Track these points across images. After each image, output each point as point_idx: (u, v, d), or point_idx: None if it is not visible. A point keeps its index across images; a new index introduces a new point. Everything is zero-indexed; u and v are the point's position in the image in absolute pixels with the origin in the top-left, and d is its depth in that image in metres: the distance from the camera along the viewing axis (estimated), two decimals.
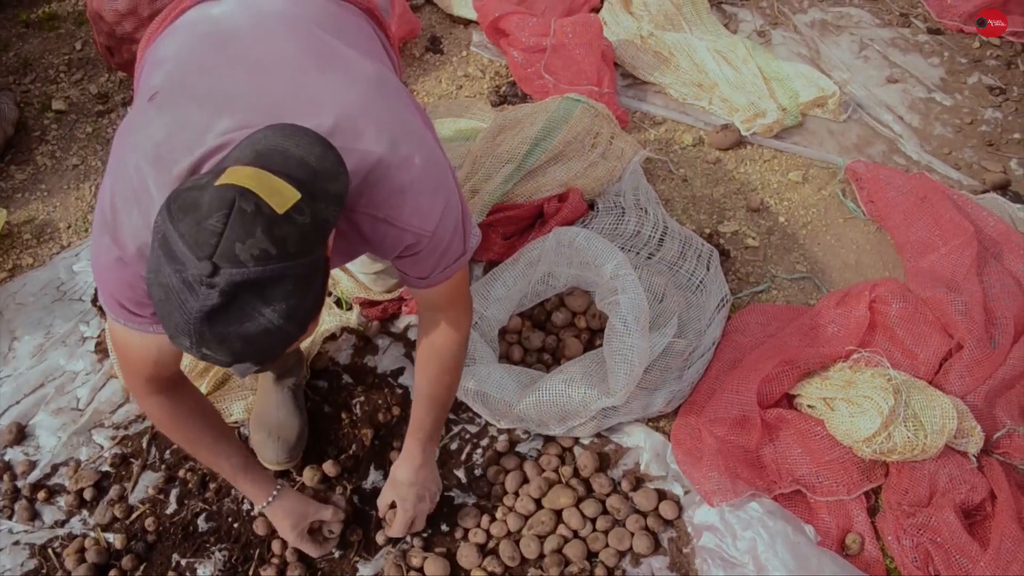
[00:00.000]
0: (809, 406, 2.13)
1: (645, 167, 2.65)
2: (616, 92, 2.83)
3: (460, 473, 2.07)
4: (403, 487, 1.87)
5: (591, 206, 2.45)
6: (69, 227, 2.59)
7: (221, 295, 1.06)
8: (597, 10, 3.12)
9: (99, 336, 2.30)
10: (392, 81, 1.48)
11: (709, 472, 2.01)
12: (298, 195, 1.11)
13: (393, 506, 1.91)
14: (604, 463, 2.08)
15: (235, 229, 1.07)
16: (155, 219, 1.14)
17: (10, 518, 2.05)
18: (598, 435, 2.12)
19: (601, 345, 2.18)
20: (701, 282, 2.31)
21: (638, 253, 2.33)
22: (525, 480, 2.04)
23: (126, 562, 1.94)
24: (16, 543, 2.01)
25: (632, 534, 1.96)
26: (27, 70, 3.08)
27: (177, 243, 1.07)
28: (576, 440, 2.11)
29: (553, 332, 2.23)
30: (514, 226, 2.37)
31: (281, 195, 1.10)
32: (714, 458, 2.02)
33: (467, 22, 3.17)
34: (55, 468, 2.10)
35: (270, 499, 1.81)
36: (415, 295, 1.65)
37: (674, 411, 2.16)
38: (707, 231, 2.54)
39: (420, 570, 1.91)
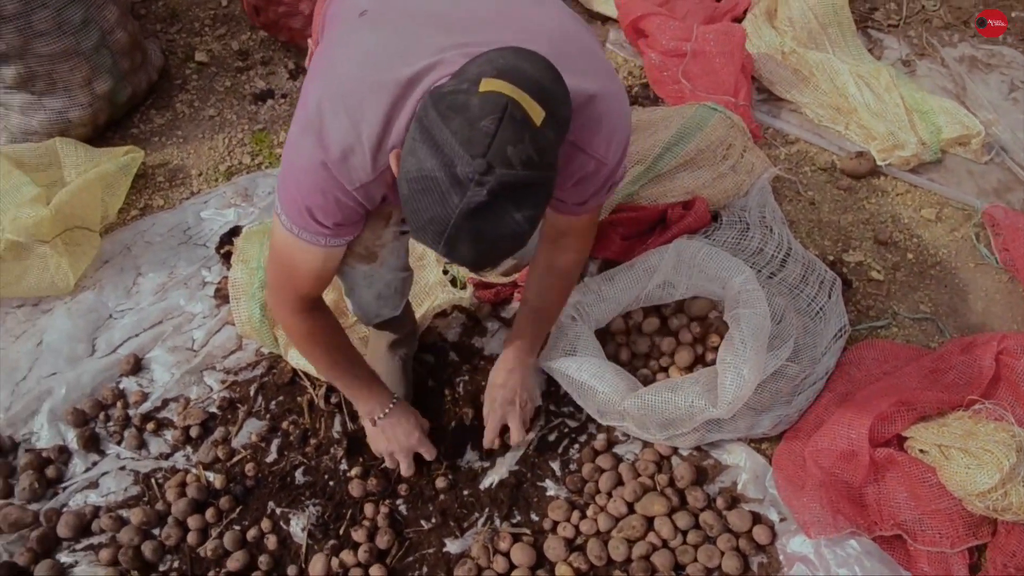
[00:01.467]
0: (921, 451, 2.05)
1: (773, 185, 2.59)
2: (751, 106, 2.78)
3: (555, 465, 2.06)
4: (494, 388, 1.92)
5: (714, 217, 2.41)
6: (200, 175, 2.67)
7: (489, 194, 1.12)
8: (739, 20, 3.07)
9: (219, 283, 2.37)
10: (578, 17, 1.52)
11: (810, 503, 1.95)
12: (543, 112, 1.16)
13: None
14: (701, 477, 2.05)
15: (507, 133, 1.12)
16: (415, 114, 1.19)
17: (119, 443, 2.12)
18: (698, 448, 2.09)
19: (711, 360, 2.14)
20: (821, 309, 2.25)
21: (759, 271, 2.28)
22: (620, 482, 2.02)
23: (224, 502, 1.99)
24: (122, 468, 2.08)
25: (722, 553, 1.92)
26: (174, 20, 3.19)
27: (448, 140, 1.12)
28: (675, 450, 2.08)
29: (669, 336, 2.19)
30: (635, 228, 2.35)
31: (534, 109, 1.15)
32: (817, 489, 1.97)
33: (605, 19, 3.15)
34: (165, 402, 2.17)
35: (392, 404, 1.89)
36: (553, 220, 1.69)
37: (778, 435, 2.11)
38: (831, 258, 2.47)
39: (507, 555, 1.91)
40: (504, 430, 2.01)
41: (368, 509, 1.97)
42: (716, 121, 2.41)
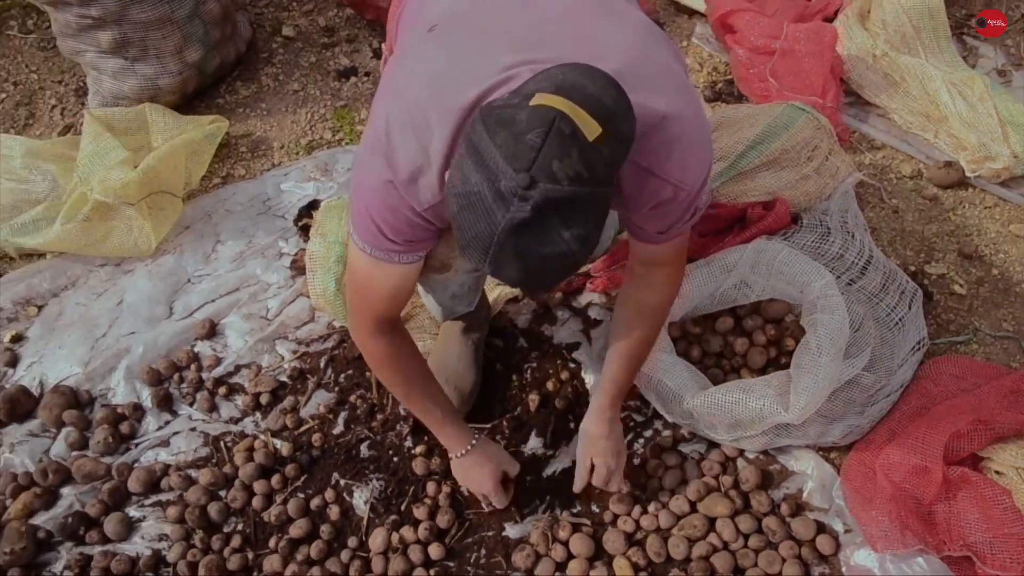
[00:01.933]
0: (997, 472, 1.99)
1: (856, 191, 2.53)
2: (838, 108, 2.71)
3: None
4: (600, 441, 1.86)
5: (794, 219, 2.36)
6: (282, 147, 2.71)
7: (533, 209, 1.08)
8: (830, 20, 3.00)
9: (296, 255, 2.40)
10: (660, 31, 1.48)
11: (879, 516, 1.91)
12: (600, 129, 1.12)
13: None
14: (767, 482, 2.02)
15: (553, 147, 1.08)
16: (464, 132, 1.17)
17: (191, 405, 2.17)
18: (765, 452, 2.06)
19: (785, 363, 2.11)
20: (900, 320, 2.19)
21: (839, 277, 2.23)
22: (684, 480, 2.00)
23: (289, 470, 2.03)
24: (193, 429, 2.13)
25: (784, 560, 1.90)
26: None
27: (493, 154, 1.10)
28: (741, 452, 2.05)
29: (743, 336, 2.16)
30: (713, 225, 2.31)
31: (588, 125, 1.12)
32: (886, 503, 1.92)
33: (692, 12, 3.11)
34: (238, 368, 2.22)
35: (471, 445, 1.84)
36: (637, 251, 1.64)
37: (848, 445, 2.06)
38: (912, 268, 2.41)
39: (565, 544, 1.90)
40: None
41: (430, 487, 1.98)
42: (803, 122, 2.36)
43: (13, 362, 2.29)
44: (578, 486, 1.91)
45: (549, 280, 1.21)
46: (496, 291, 2.24)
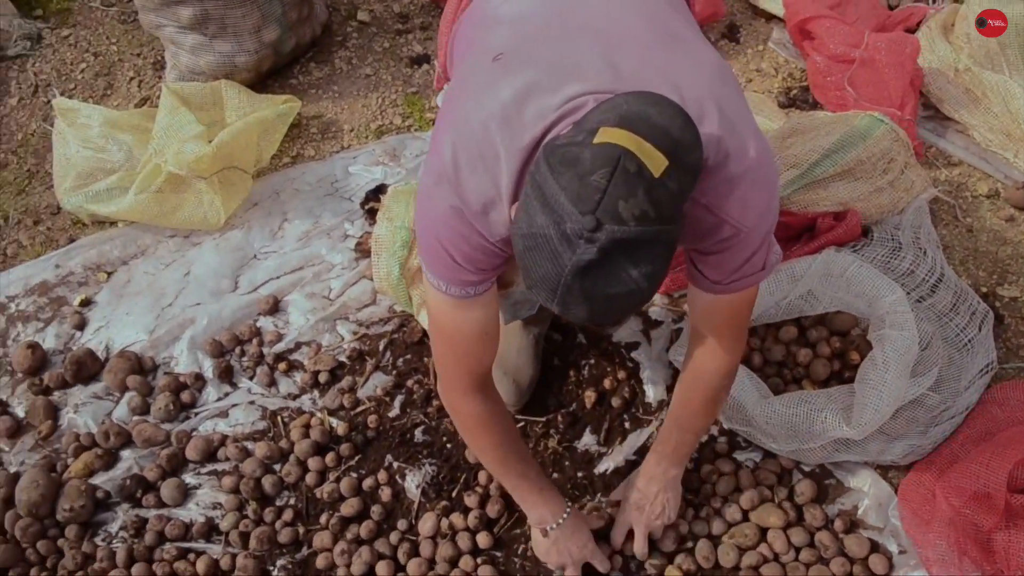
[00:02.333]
0: None
1: (930, 207, 2.47)
2: (916, 121, 2.66)
3: None
4: (631, 488, 1.85)
5: (865, 232, 2.32)
6: (352, 130, 2.74)
7: (600, 251, 1.06)
8: (912, 31, 2.94)
9: (361, 237, 2.42)
10: (729, 69, 1.44)
11: (936, 539, 1.87)
12: (667, 162, 1.10)
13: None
14: (822, 496, 1.99)
15: (618, 187, 1.06)
16: (529, 171, 1.15)
17: (251, 378, 2.21)
18: (821, 466, 2.02)
19: (848, 377, 2.07)
20: (969, 341, 2.14)
21: (908, 294, 2.18)
22: (737, 488, 1.98)
23: (344, 449, 2.05)
24: (251, 402, 2.17)
25: None
26: None
27: (557, 196, 1.08)
28: (797, 464, 2.02)
29: (807, 347, 2.13)
30: (782, 233, 2.28)
31: (653, 160, 1.09)
32: (944, 527, 1.88)
33: (770, 16, 3.06)
34: (298, 345, 2.25)
35: (563, 518, 1.79)
36: (695, 301, 1.58)
37: (907, 465, 2.02)
38: (984, 290, 2.35)
39: None
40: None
41: (482, 476, 1.99)
42: (881, 133, 2.31)
43: (81, 325, 2.34)
44: (636, 549, 1.88)
45: (617, 317, 1.22)
46: None
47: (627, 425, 2.06)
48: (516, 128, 1.28)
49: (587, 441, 2.06)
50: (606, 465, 2.02)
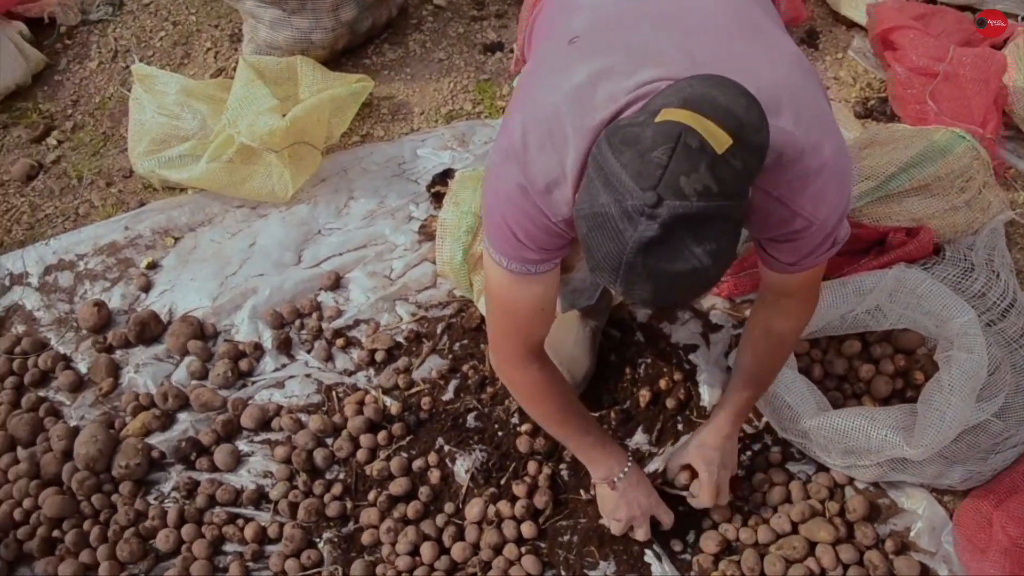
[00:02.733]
0: None
1: (1006, 229, 2.41)
2: (997, 140, 2.59)
3: None
4: (709, 450, 1.83)
5: (936, 250, 2.27)
6: (422, 113, 2.75)
7: (661, 227, 1.07)
8: (999, 47, 2.86)
9: (425, 220, 2.44)
10: (807, 63, 1.43)
11: (991, 569, 1.83)
12: (730, 140, 1.10)
13: (687, 467, 1.88)
14: (874, 514, 1.95)
15: (680, 162, 1.07)
16: (591, 151, 1.16)
17: (308, 352, 2.24)
18: (875, 484, 1.99)
19: (910, 397, 2.03)
20: None
21: (978, 317, 2.13)
22: (788, 499, 1.95)
23: (396, 428, 2.06)
24: (308, 375, 2.20)
25: None
26: None
27: (619, 173, 1.09)
28: (851, 480, 1.99)
29: (870, 363, 2.10)
30: (851, 245, 2.23)
31: (716, 138, 1.09)
32: (1000, 557, 1.84)
33: (851, 24, 3.00)
34: (357, 322, 2.27)
35: (629, 464, 1.81)
36: (768, 279, 1.60)
37: (965, 491, 1.98)
38: None
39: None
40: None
41: (531, 467, 1.99)
42: (962, 150, 2.25)
43: (147, 288, 2.39)
44: (702, 498, 1.86)
45: (681, 298, 1.19)
46: None
47: (680, 427, 2.05)
48: (587, 109, 1.29)
49: (638, 440, 2.04)
50: (656, 465, 2.00)
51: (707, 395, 2.10)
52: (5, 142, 2.80)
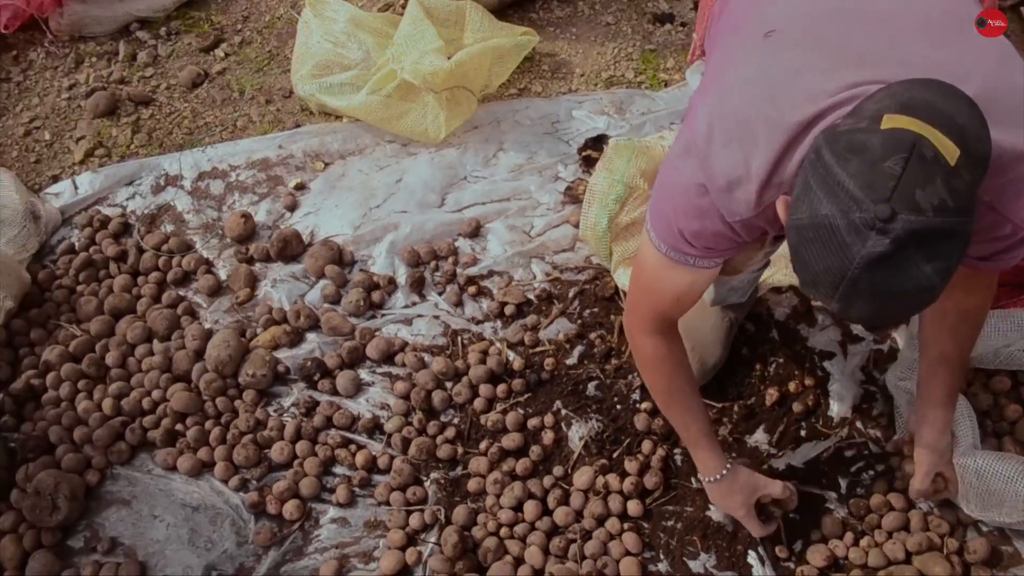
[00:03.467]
0: None
1: None
2: None
3: (843, 482, 1.95)
4: (935, 450, 1.76)
5: None
6: (582, 75, 2.72)
7: (893, 243, 1.02)
8: None
9: (572, 183, 2.42)
10: (1018, 56, 1.34)
11: None
12: (958, 150, 1.03)
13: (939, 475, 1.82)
14: (995, 560, 1.86)
15: (914, 174, 1.01)
16: (807, 157, 1.11)
17: (440, 294, 2.27)
18: (1000, 529, 1.89)
19: None
20: None
21: None
22: (906, 527, 1.88)
23: (516, 384, 2.07)
24: (436, 317, 2.23)
25: None
26: None
27: (845, 183, 1.04)
28: (976, 521, 1.90)
29: (1017, 403, 1.99)
30: (1014, 276, 2.10)
31: (945, 147, 1.03)
32: None
33: None
34: (491, 273, 2.28)
35: (724, 471, 1.75)
36: None
37: None
38: None
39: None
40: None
41: (646, 446, 1.97)
42: None
43: (292, 207, 2.46)
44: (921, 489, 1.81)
45: (901, 316, 1.16)
46: (764, 273, 2.16)
47: (803, 433, 1.99)
48: (783, 106, 1.24)
49: (758, 438, 2.00)
50: (773, 465, 1.96)
51: (835, 407, 2.03)
52: (176, 48, 2.90)
